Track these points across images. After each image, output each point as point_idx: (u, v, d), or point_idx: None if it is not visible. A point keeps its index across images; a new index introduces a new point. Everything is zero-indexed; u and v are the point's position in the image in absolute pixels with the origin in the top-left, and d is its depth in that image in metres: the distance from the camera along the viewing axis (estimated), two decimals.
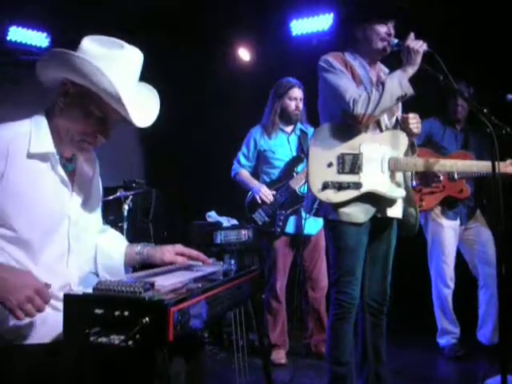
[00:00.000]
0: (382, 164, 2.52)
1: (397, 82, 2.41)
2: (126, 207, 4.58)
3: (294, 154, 3.87)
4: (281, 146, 3.89)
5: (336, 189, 2.46)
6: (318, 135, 2.57)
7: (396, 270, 2.72)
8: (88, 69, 1.53)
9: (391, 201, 2.57)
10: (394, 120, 2.67)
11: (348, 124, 2.50)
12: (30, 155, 1.55)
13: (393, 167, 2.53)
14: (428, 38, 2.44)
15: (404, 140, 2.57)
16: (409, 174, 2.70)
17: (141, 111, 1.64)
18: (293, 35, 5.43)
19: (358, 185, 2.46)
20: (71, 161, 1.72)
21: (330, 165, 2.49)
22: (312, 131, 3.65)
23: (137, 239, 1.50)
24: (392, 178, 2.54)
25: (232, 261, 1.72)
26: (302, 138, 3.87)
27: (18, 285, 1.35)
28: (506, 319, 2.08)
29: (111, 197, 4.74)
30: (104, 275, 1.51)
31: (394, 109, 2.63)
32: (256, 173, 4.04)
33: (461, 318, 3.87)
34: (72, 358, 1.25)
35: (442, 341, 3.87)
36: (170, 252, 1.79)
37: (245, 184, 3.98)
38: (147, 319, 1.12)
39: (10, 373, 1.40)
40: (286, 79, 3.91)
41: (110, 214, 5.21)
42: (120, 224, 4.59)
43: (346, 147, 2.51)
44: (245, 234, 4.14)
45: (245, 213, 3.96)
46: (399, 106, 2.70)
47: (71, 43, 1.65)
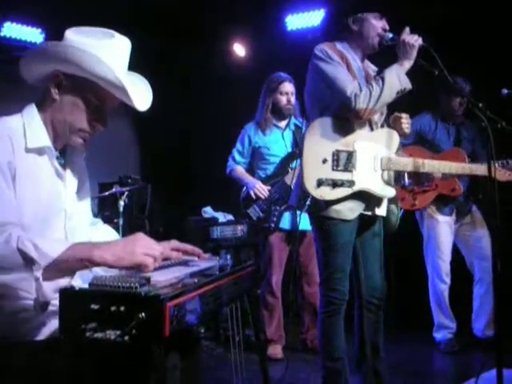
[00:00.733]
0: (375, 162, 2.52)
1: (396, 77, 2.39)
2: (122, 203, 4.57)
3: (289, 150, 3.87)
4: (276, 142, 3.90)
5: (331, 186, 2.43)
6: (313, 130, 2.51)
7: (393, 266, 2.73)
8: (87, 59, 1.52)
9: (379, 199, 2.58)
10: (383, 118, 2.65)
11: (341, 119, 2.47)
12: (28, 150, 1.54)
13: (385, 166, 2.52)
14: (425, 35, 2.43)
15: (396, 139, 2.57)
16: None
17: (139, 96, 1.65)
18: (288, 30, 5.42)
19: (351, 183, 2.45)
20: (63, 153, 1.71)
21: (325, 161, 2.46)
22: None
23: None
24: (383, 177, 2.53)
25: (228, 256, 1.71)
26: (297, 133, 3.87)
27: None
28: (502, 313, 2.09)
29: (107, 193, 4.74)
30: (97, 270, 1.50)
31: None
32: (251, 169, 4.04)
33: (457, 313, 3.89)
34: (68, 354, 1.25)
35: (439, 335, 3.89)
36: (165, 248, 1.78)
37: (240, 180, 3.98)
38: (143, 314, 1.12)
39: (6, 369, 1.39)
40: (277, 74, 3.91)
41: (106, 210, 5.20)
42: (116, 220, 4.58)
43: (341, 144, 2.48)
44: (241, 230, 4.14)
45: (240, 208, 3.97)
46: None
47: None
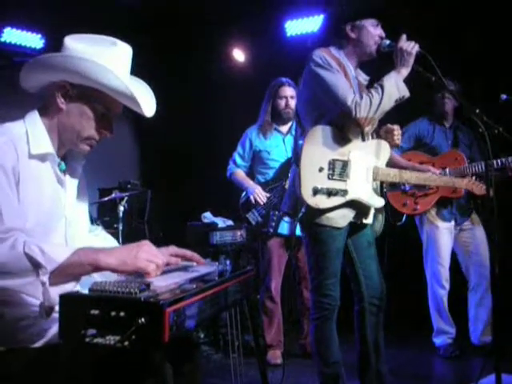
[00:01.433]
0: (367, 173, 2.56)
1: (394, 85, 2.40)
2: (122, 208, 4.57)
3: (289, 155, 3.87)
4: (276, 147, 3.91)
5: (326, 195, 2.46)
6: (311, 139, 2.51)
7: (392, 271, 2.73)
8: (96, 70, 1.53)
9: (368, 208, 2.61)
10: (373, 128, 2.65)
11: (338, 128, 2.49)
12: (31, 156, 1.54)
13: (375, 176, 2.57)
14: (421, 39, 2.44)
15: (387, 150, 2.61)
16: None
17: (147, 103, 1.68)
18: (287, 36, 5.44)
19: (345, 192, 2.49)
20: (64, 160, 1.71)
21: (321, 170, 2.48)
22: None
23: (132, 240, 1.50)
24: (373, 187, 2.58)
25: (227, 261, 1.72)
26: None
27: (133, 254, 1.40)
28: (500, 319, 2.09)
29: (106, 198, 4.73)
30: (95, 276, 1.50)
31: None
32: (251, 173, 4.05)
33: (456, 318, 3.88)
34: (68, 359, 1.25)
35: (438, 341, 3.88)
36: (164, 253, 1.79)
37: (240, 184, 3.99)
38: (143, 320, 1.12)
39: (6, 374, 1.40)
40: (277, 79, 3.94)
41: (106, 216, 5.20)
42: (115, 225, 4.58)
43: (337, 153, 2.51)
44: (240, 235, 4.15)
45: (239, 212, 3.98)
46: None
47: None
